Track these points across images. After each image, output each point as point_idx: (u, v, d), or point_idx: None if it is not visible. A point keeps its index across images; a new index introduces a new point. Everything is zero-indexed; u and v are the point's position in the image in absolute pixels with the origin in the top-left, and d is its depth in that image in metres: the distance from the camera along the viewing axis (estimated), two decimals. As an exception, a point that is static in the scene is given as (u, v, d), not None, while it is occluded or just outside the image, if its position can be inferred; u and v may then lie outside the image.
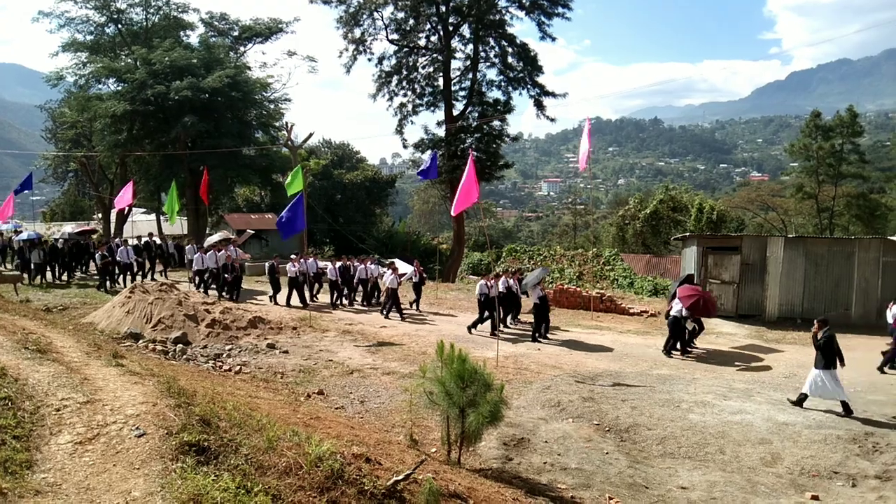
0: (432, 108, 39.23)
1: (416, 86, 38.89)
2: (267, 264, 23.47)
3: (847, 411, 11.43)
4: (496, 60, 38.02)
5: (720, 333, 18.91)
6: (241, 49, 41.96)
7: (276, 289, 21.72)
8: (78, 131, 40.55)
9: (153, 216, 46.53)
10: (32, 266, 22.34)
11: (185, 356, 13.58)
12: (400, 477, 5.74)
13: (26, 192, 31.37)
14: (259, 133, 38.82)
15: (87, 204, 59.16)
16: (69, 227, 31.07)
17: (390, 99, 39.03)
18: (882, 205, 48.61)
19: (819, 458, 9.75)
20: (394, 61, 38.54)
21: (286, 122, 37.00)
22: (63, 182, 50.74)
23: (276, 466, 5.10)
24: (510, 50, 37.47)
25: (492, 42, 37.77)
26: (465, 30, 38.22)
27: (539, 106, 37.74)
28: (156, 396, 5.88)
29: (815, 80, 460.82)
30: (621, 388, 12.67)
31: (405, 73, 38.54)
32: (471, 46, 38.06)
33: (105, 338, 13.64)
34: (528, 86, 37.62)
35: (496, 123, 38.38)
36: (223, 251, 22.43)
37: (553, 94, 37.84)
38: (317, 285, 22.62)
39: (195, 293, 20.59)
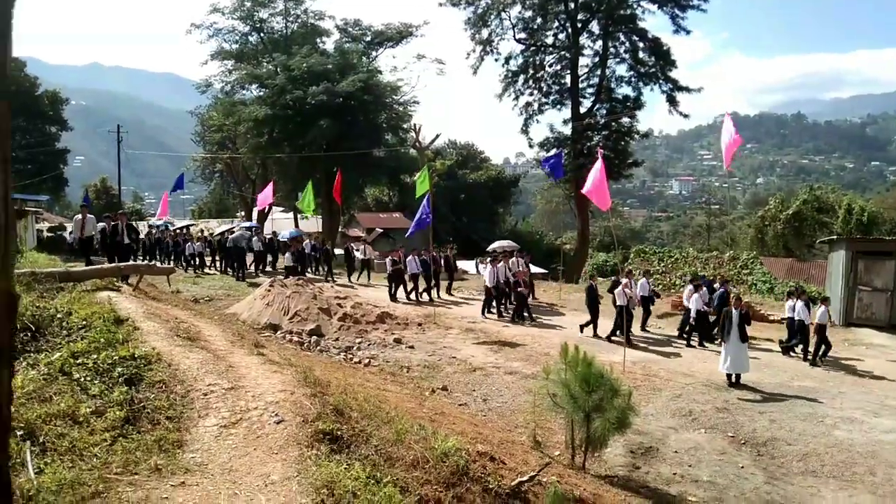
0: (558, 107, 38.82)
1: (542, 84, 38.62)
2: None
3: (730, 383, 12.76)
4: (626, 56, 37.04)
5: (870, 345, 17.39)
6: (373, 53, 43.36)
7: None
8: (224, 134, 43.52)
9: (291, 214, 49.07)
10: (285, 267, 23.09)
11: (318, 347, 14.23)
12: (525, 478, 5.71)
13: (178, 191, 34.11)
14: (388, 135, 39.98)
15: (232, 202, 63.33)
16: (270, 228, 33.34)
17: (516, 98, 39.00)
18: None
19: None
20: (520, 60, 38.48)
21: (414, 124, 37.90)
22: (210, 182, 54.61)
23: (404, 459, 5.22)
24: (641, 45, 36.37)
25: (622, 37, 36.82)
26: (594, 26, 37.50)
27: (672, 101, 36.39)
28: (293, 385, 6.19)
29: None
30: (759, 400, 11.96)
31: (531, 72, 38.38)
32: (599, 43, 37.30)
33: (246, 328, 14.52)
34: (660, 81, 36.34)
35: (625, 120, 37.38)
36: (502, 263, 19.83)
37: (687, 89, 36.36)
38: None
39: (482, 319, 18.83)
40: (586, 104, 37.89)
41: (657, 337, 17.53)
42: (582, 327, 17.16)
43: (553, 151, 35.71)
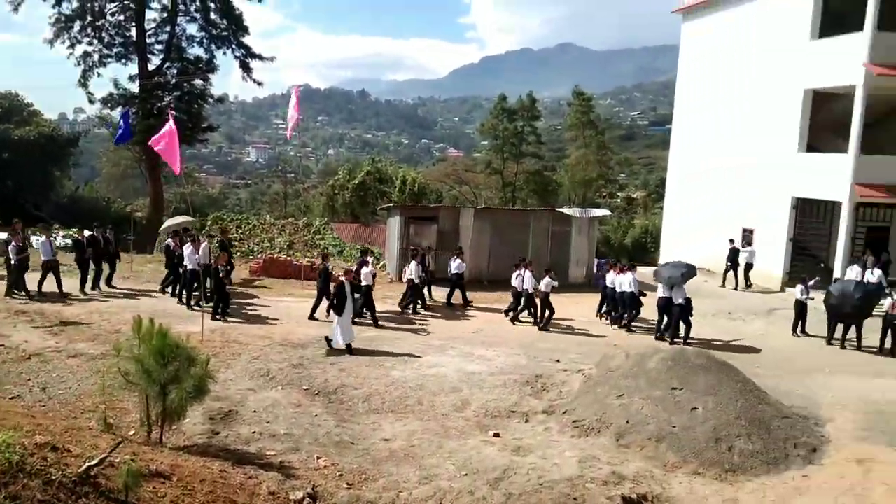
0: (124, 61, 35.67)
1: (103, 34, 34.93)
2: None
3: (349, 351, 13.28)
4: (197, 15, 35.70)
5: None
6: None
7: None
8: None
9: None
10: None
11: None
12: (93, 462, 5.34)
13: None
14: None
15: None
16: None
17: (72, 47, 34.55)
18: (554, 181, 56.15)
19: (500, 400, 11.18)
20: (76, 4, 34.08)
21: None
22: None
23: (-64, 467, 4.42)
24: (213, 6, 35.46)
25: (192, -6, 35.39)
26: (162, -23, 35.27)
27: (245, 68, 36.48)
28: None
29: (503, 65, 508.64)
30: (331, 353, 13.10)
31: (90, 18, 34.34)
32: (168, -3, 35.25)
33: None
34: (234, 46, 36.07)
35: (198, 82, 36.21)
36: (205, 242, 17.22)
37: (260, 57, 36.83)
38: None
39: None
40: (156, 61, 35.61)
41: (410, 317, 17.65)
42: (313, 311, 16.33)
43: (119, 110, 32.85)
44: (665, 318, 16.26)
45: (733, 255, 23.14)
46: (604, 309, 18.21)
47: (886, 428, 10.64)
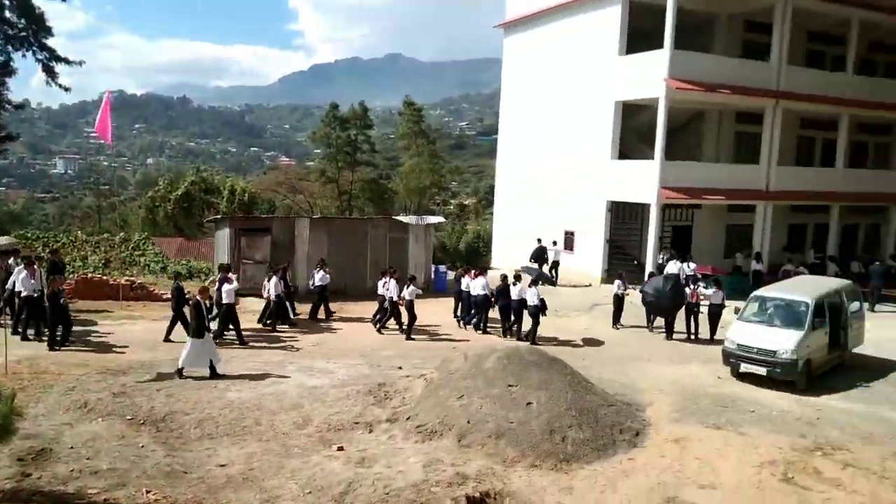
0: None
1: None
2: None
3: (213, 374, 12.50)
4: (-10, 13, 32.06)
5: (256, 312, 19.55)
6: None
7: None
8: None
9: None
10: None
11: None
12: None
13: None
14: None
15: None
16: None
17: None
18: (389, 189, 56.73)
19: (343, 412, 11.03)
20: None
21: None
22: None
23: None
24: (7, 3, 32.01)
25: (-18, -10, 31.71)
26: (-58, -31, 31.26)
27: (49, 72, 33.21)
28: None
29: (333, 73, 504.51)
30: (157, 378, 12.24)
31: None
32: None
33: None
34: (35, 48, 32.75)
35: (-7, 88, 32.51)
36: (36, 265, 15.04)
37: (66, 61, 33.67)
38: None
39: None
40: (-62, 62, 31.48)
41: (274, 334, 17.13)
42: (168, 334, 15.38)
43: None
44: (514, 318, 17.18)
45: (539, 253, 24.92)
46: (459, 312, 18.89)
47: (696, 409, 11.81)
